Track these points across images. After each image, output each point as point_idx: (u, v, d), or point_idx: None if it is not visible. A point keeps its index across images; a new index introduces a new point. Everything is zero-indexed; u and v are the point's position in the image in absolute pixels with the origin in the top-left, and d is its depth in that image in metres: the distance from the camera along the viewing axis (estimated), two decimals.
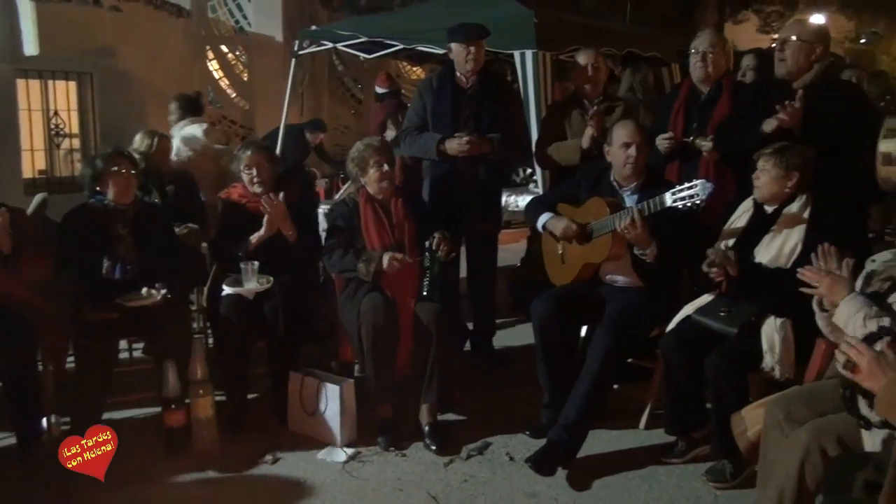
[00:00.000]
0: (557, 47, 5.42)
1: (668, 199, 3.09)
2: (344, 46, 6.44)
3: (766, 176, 3.07)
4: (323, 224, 4.22)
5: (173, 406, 3.32)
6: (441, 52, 5.80)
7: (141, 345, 3.97)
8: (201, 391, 3.35)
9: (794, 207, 3.09)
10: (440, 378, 3.46)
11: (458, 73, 4.06)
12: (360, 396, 3.49)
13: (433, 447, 3.36)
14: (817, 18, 23.84)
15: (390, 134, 6.39)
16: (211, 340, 3.96)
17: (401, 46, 6.06)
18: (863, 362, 1.91)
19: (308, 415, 3.47)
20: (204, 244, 4.24)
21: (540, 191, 5.24)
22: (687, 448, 3.24)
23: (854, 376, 1.94)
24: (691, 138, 3.70)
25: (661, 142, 3.71)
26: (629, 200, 3.43)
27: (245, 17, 9.63)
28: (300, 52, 6.67)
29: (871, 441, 2.21)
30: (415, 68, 11.93)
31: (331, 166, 7.78)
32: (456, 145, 3.86)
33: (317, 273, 4.06)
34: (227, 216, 3.85)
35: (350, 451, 3.34)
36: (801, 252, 2.98)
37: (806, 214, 3.06)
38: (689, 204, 3.04)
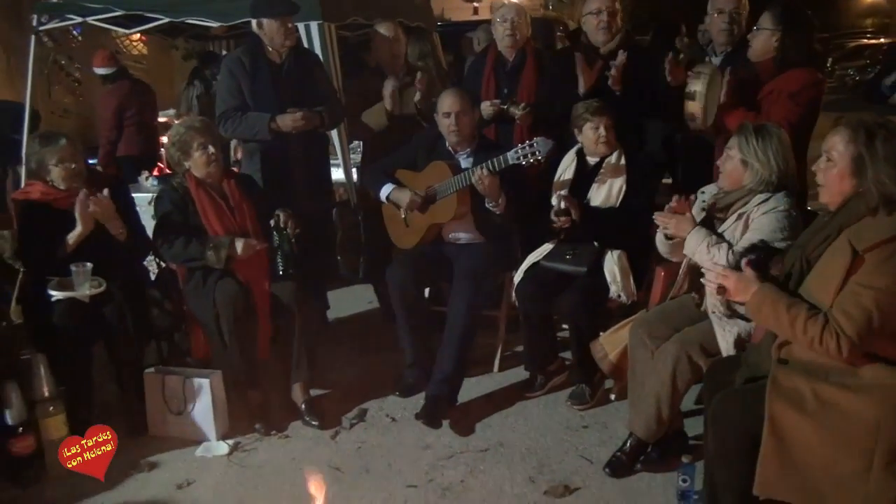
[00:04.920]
0: (340, 18, 5.45)
1: (511, 156, 3.37)
2: (95, 21, 5.82)
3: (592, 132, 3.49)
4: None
5: (20, 431, 2.96)
6: (213, 24, 5.53)
7: None
8: (52, 408, 3.04)
9: (612, 158, 3.54)
10: (308, 354, 3.46)
11: (269, 49, 3.94)
12: (226, 387, 3.37)
13: (314, 423, 3.37)
14: None
15: None
16: None
17: (166, 20, 5.63)
18: (730, 284, 2.35)
19: (174, 414, 3.29)
20: None
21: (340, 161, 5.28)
22: (545, 381, 3.61)
23: (727, 296, 2.39)
24: (505, 105, 4.00)
25: (487, 108, 3.97)
26: (465, 163, 3.66)
27: None
28: (41, 28, 5.90)
29: (725, 342, 2.70)
30: (136, 43, 11.02)
31: None
32: (290, 121, 3.78)
33: (145, 268, 3.79)
34: (30, 219, 3.41)
35: (231, 441, 3.24)
36: (626, 191, 3.45)
37: (623, 161, 3.53)
38: (531, 160, 3.34)
